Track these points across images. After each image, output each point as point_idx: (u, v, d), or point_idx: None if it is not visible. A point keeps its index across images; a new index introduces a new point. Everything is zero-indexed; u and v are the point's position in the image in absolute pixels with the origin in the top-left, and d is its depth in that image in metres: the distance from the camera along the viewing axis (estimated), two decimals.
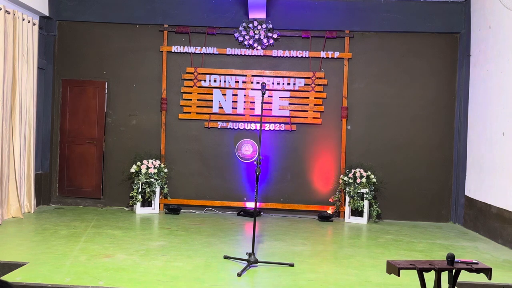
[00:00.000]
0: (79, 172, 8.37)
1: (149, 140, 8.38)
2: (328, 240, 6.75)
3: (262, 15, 8.12)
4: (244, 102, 8.31)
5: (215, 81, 8.32)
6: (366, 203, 7.81)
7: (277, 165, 8.33)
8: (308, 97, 8.29)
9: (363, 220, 7.83)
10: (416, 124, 8.27)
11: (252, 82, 8.30)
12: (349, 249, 6.11)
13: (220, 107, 8.33)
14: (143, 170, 7.85)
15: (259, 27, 8.14)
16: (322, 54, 8.27)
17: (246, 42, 8.24)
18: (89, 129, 8.37)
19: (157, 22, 8.35)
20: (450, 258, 3.52)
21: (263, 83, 5.51)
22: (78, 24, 8.42)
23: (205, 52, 8.35)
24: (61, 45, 8.43)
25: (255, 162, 5.27)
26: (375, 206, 7.82)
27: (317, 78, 8.28)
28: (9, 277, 4.42)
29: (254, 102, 8.27)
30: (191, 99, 8.36)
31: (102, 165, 8.38)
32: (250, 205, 8.17)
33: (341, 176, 8.03)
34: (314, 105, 8.29)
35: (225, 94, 8.32)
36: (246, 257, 5.11)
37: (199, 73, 8.32)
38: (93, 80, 8.38)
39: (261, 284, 4.62)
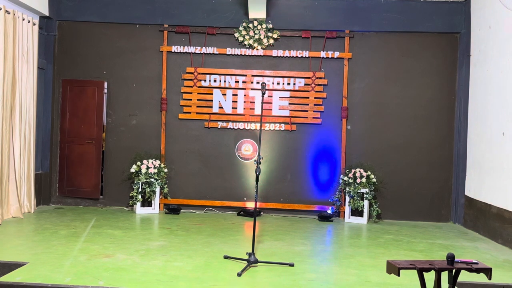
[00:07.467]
0: (78, 172, 8.36)
1: (149, 140, 8.38)
2: (328, 240, 6.75)
3: (262, 15, 8.12)
4: (244, 102, 8.31)
5: (215, 81, 8.32)
6: (366, 203, 7.81)
7: (277, 165, 8.33)
8: (308, 97, 8.29)
9: (363, 220, 7.83)
10: (416, 124, 8.27)
11: (252, 82, 8.30)
12: (349, 249, 6.11)
13: (220, 107, 8.33)
14: (143, 170, 7.85)
15: (259, 27, 8.14)
16: (322, 54, 8.27)
17: (246, 42, 8.24)
18: (88, 129, 8.35)
19: (157, 22, 8.36)
20: (450, 258, 3.52)
21: (263, 83, 5.51)
22: (78, 24, 8.43)
23: (205, 52, 8.35)
24: (61, 45, 8.43)
25: (255, 162, 5.27)
26: (375, 206, 7.82)
27: (317, 78, 8.28)
28: (9, 277, 4.43)
29: (254, 102, 8.27)
30: (191, 99, 8.36)
31: (100, 165, 8.37)
32: (250, 205, 8.17)
33: (341, 176, 8.03)
34: (314, 105, 8.29)
35: (225, 94, 8.32)
36: (246, 257, 5.11)
37: (199, 73, 8.32)
38: (92, 80, 8.37)
39: (261, 284, 4.62)
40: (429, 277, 3.66)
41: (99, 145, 8.35)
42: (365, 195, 7.78)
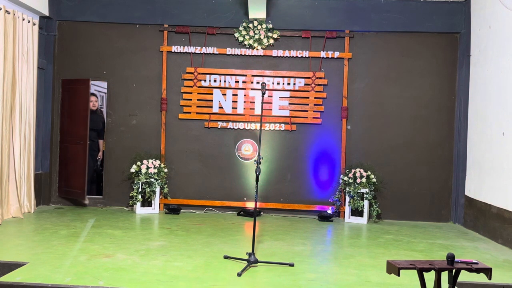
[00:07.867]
0: (70, 173, 8.22)
1: (149, 140, 8.38)
2: (328, 240, 6.75)
3: (262, 15, 8.12)
4: (244, 102, 8.31)
5: (215, 81, 8.32)
6: (366, 203, 7.81)
7: (277, 165, 8.33)
8: (308, 97, 8.28)
9: (363, 220, 7.83)
10: (416, 124, 8.27)
11: (252, 82, 8.30)
12: (349, 249, 6.11)
13: (220, 107, 8.33)
14: (143, 170, 7.85)
15: (259, 27, 8.14)
16: (322, 54, 8.27)
17: (246, 42, 8.24)
18: (78, 128, 8.16)
19: (157, 22, 8.36)
20: (450, 258, 3.52)
21: (263, 83, 5.51)
22: (78, 24, 8.42)
23: (205, 52, 8.35)
24: (61, 45, 8.43)
25: (255, 162, 5.27)
26: (375, 206, 7.82)
27: (317, 78, 8.28)
28: (9, 277, 4.43)
29: (254, 102, 8.27)
30: (191, 99, 8.36)
31: (86, 167, 8.09)
32: (250, 205, 8.17)
33: (341, 176, 8.03)
34: (314, 105, 8.29)
35: (225, 94, 8.32)
36: (246, 257, 5.11)
37: (199, 73, 8.32)
38: (80, 79, 8.21)
39: (261, 284, 4.62)
40: (429, 277, 3.66)
41: (86, 145, 8.13)
42: (365, 195, 7.77)
